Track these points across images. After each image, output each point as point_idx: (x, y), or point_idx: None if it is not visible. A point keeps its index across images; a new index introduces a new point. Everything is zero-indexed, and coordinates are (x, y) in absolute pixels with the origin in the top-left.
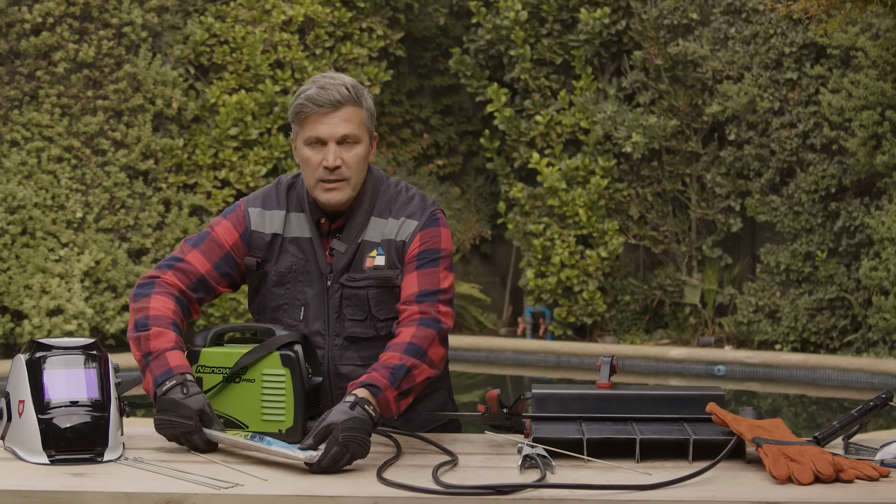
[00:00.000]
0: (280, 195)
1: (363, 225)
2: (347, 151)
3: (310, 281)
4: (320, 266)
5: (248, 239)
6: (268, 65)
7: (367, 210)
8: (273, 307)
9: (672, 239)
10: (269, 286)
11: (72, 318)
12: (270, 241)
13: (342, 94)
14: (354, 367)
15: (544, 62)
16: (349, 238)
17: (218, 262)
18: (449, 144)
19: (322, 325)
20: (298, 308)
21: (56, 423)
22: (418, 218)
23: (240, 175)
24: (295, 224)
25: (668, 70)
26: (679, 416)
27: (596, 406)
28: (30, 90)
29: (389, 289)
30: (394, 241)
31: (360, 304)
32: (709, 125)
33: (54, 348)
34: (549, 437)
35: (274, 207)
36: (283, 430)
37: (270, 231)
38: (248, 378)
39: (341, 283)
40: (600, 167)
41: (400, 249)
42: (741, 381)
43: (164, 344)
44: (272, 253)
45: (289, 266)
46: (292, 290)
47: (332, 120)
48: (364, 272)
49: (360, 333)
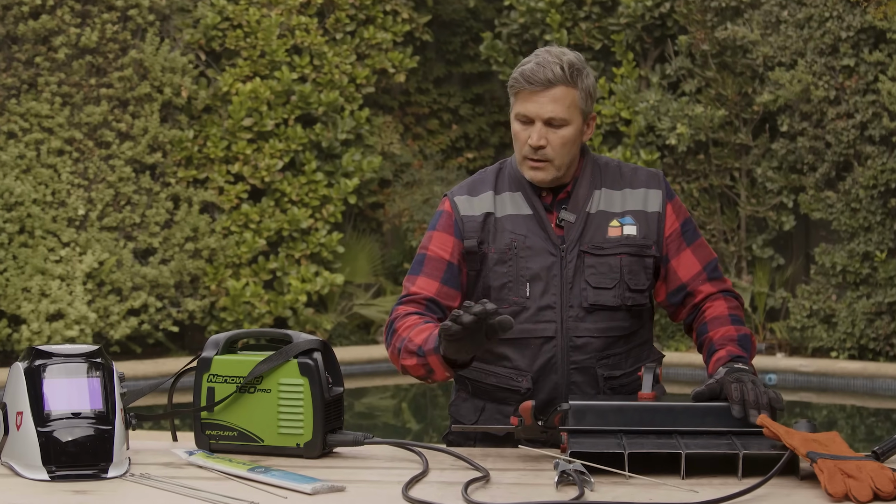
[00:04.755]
0: (487, 179)
1: (589, 195)
2: (554, 133)
3: (533, 255)
4: (551, 238)
5: (461, 227)
6: (284, 50)
7: (590, 181)
8: (497, 286)
9: (720, 238)
10: (491, 265)
11: (73, 323)
12: (483, 221)
13: (555, 73)
14: (590, 338)
15: (582, 47)
16: (576, 208)
17: (445, 277)
18: (479, 136)
19: (553, 297)
20: (523, 284)
21: (57, 437)
22: (658, 186)
23: (254, 169)
24: (508, 202)
25: (715, 56)
26: (727, 429)
27: (638, 418)
28: (28, 78)
29: (640, 258)
30: (645, 213)
31: (608, 271)
32: (759, 116)
33: (55, 356)
34: (588, 451)
35: (481, 191)
36: (301, 444)
37: (481, 212)
38: (263, 388)
39: (583, 250)
40: (642, 161)
41: (655, 221)
42: (794, 391)
43: (426, 332)
44: (487, 233)
45: (508, 243)
46: (514, 266)
47: (541, 99)
48: (611, 240)
49: (605, 301)
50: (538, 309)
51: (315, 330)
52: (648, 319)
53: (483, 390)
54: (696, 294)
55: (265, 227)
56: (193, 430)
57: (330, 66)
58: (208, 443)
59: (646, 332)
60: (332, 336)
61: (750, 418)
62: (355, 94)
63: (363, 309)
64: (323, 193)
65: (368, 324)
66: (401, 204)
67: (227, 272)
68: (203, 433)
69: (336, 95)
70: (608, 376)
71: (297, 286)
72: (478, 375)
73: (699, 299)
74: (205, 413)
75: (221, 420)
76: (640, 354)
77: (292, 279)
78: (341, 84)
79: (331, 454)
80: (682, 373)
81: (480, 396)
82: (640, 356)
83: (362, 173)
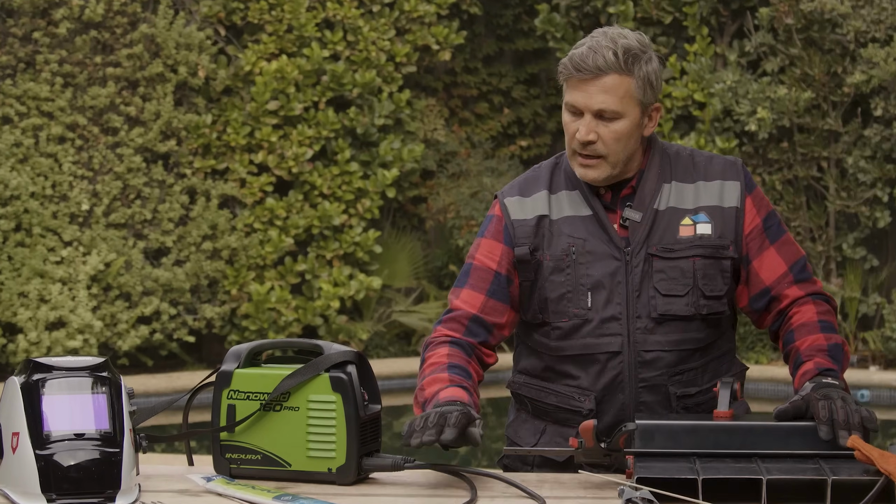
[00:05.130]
0: (541, 177)
1: (656, 190)
2: (605, 126)
3: (594, 261)
4: (614, 240)
5: (512, 233)
6: (314, 25)
7: (658, 174)
8: (555, 298)
9: (806, 236)
10: (547, 275)
11: (76, 332)
12: (536, 225)
13: (607, 60)
14: (661, 352)
15: (650, 21)
16: (642, 205)
17: (491, 289)
18: (534, 121)
19: (619, 307)
20: (584, 294)
21: (57, 461)
22: (735, 176)
23: (280, 159)
24: (566, 203)
25: (800, 31)
26: (814, 452)
27: (713, 439)
28: (25, 55)
29: (717, 261)
30: (721, 208)
31: (680, 276)
32: (850, 98)
33: (55, 369)
34: (657, 476)
35: (534, 191)
36: (332, 468)
37: (534, 214)
38: (290, 406)
39: (650, 254)
40: (718, 148)
41: (732, 217)
42: (889, 409)
43: (437, 387)
44: (541, 238)
45: (565, 248)
46: (573, 275)
47: (591, 89)
48: (682, 241)
49: (677, 310)
50: (601, 321)
51: (349, 340)
52: (728, 328)
53: (543, 410)
54: (782, 298)
55: (293, 224)
56: (212, 453)
57: (366, 43)
58: (228, 467)
59: (725, 342)
60: (369, 347)
61: (840, 440)
62: (394, 74)
63: (403, 316)
64: (358, 186)
65: (409, 333)
66: (446, 198)
67: (250, 275)
68: (222, 456)
69: (373, 75)
70: (682, 394)
71: (328, 291)
72: (537, 394)
73: (785, 304)
74: (224, 434)
75: (243, 442)
76: (719, 368)
77: (323, 283)
78: (378, 63)
79: (366, 480)
80: (763, 388)
81: (541, 417)
82: (720, 370)
83: (402, 163)
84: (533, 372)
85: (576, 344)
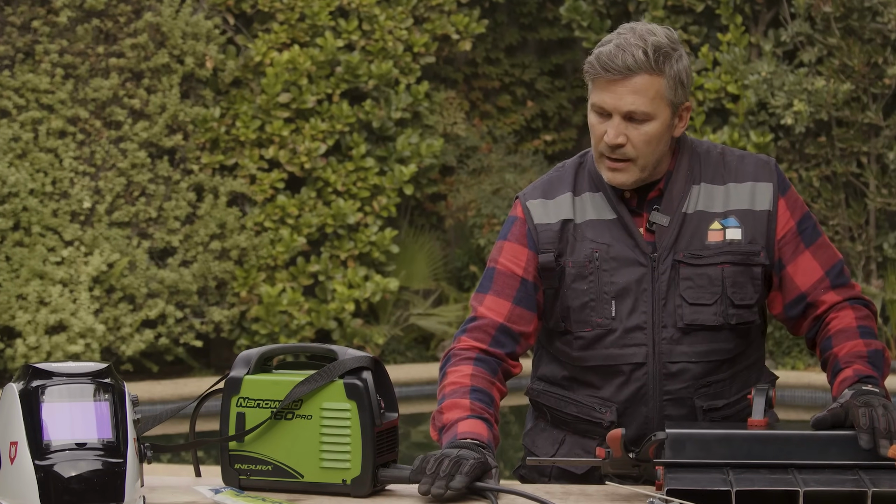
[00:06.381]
0: (565, 178)
1: (685, 192)
2: (635, 129)
3: (619, 268)
4: (640, 246)
5: (535, 238)
6: (328, 13)
7: (687, 175)
8: (577, 307)
9: (845, 235)
10: (569, 282)
11: (78, 336)
12: (561, 230)
13: (636, 59)
14: (688, 363)
15: (682, 9)
16: (670, 208)
17: (518, 296)
18: (559, 115)
19: (644, 316)
20: (608, 302)
21: (58, 472)
22: (768, 178)
23: (292, 154)
24: (589, 205)
25: (839, 20)
26: (854, 462)
27: (747, 449)
28: (24, 45)
29: (748, 268)
30: (752, 212)
31: (708, 284)
32: (891, 90)
33: (55, 375)
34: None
35: (558, 193)
36: (347, 480)
37: (558, 218)
38: (303, 414)
39: (678, 260)
40: (753, 143)
41: (764, 221)
42: None
43: (456, 414)
44: (565, 243)
45: (588, 254)
46: (596, 282)
47: (620, 90)
48: (710, 247)
49: (705, 320)
50: (625, 331)
51: (364, 345)
52: (758, 336)
53: (562, 420)
54: (819, 305)
55: (305, 222)
56: (220, 464)
57: (382, 32)
58: (238, 478)
59: (754, 351)
60: (385, 352)
61: (880, 449)
62: (412, 65)
63: (421, 320)
64: (374, 183)
65: (428, 337)
66: (466, 195)
67: (260, 276)
68: (231, 467)
69: (389, 66)
70: (709, 407)
71: (342, 293)
72: (556, 403)
73: (822, 310)
74: (233, 443)
75: (253, 452)
76: (748, 379)
77: (337, 284)
78: (395, 53)
79: (382, 492)
80: (799, 395)
81: (560, 427)
82: (748, 381)
83: (420, 159)
84: (553, 379)
85: (598, 354)
